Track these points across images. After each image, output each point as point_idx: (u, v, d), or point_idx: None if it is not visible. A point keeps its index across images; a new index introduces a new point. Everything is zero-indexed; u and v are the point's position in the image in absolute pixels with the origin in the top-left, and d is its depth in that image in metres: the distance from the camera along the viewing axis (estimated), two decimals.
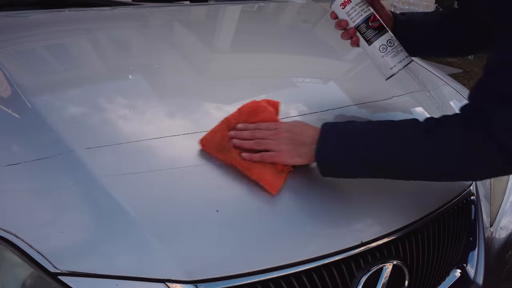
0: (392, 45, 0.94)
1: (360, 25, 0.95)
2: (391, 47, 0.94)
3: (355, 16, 0.95)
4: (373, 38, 0.95)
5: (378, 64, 0.97)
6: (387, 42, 0.94)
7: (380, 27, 0.95)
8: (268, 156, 0.84)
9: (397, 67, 0.95)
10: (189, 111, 1.01)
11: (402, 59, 0.95)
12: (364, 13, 0.95)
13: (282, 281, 0.75)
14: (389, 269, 0.85)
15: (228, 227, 0.76)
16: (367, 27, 0.95)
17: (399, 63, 0.95)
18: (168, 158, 0.86)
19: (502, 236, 1.13)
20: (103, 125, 0.92)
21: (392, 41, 0.95)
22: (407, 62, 0.95)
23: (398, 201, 0.91)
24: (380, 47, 0.95)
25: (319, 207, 0.83)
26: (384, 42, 0.94)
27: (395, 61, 0.95)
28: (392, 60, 0.95)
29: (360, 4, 0.95)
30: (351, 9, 0.95)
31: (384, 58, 0.95)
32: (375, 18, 0.95)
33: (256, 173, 0.82)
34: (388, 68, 0.96)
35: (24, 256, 0.69)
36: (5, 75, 1.01)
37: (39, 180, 0.78)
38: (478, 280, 1.04)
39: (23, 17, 1.38)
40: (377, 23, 0.95)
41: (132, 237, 0.72)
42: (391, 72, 0.96)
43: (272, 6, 1.85)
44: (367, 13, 0.95)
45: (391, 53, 0.94)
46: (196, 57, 1.28)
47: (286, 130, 0.86)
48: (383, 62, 0.96)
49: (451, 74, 4.20)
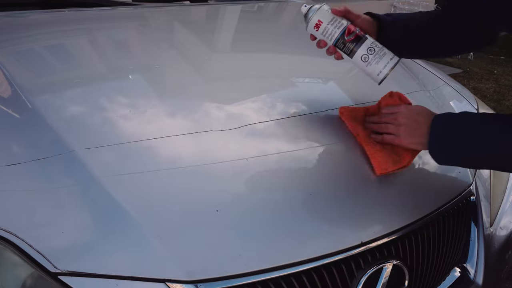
0: (373, 52, 0.94)
1: (338, 42, 0.96)
2: (373, 54, 0.94)
3: (330, 35, 0.96)
4: (353, 51, 0.95)
5: (366, 73, 0.97)
6: (367, 50, 0.94)
7: (356, 38, 0.95)
8: (388, 138, 0.93)
9: (384, 72, 0.94)
10: (189, 111, 1.01)
11: (387, 63, 0.94)
12: (338, 29, 0.95)
13: (282, 281, 0.75)
14: (389, 269, 0.85)
15: (228, 227, 0.76)
16: (344, 42, 0.95)
17: (385, 68, 0.94)
18: (168, 158, 0.86)
19: (502, 236, 1.13)
20: (103, 125, 0.92)
21: (372, 48, 0.94)
22: (393, 64, 0.94)
23: (398, 201, 0.91)
24: (362, 57, 0.95)
25: (319, 207, 0.83)
26: (364, 51, 0.94)
27: (380, 67, 0.94)
28: (377, 66, 0.94)
29: (331, 22, 0.95)
30: (324, 29, 0.96)
31: (368, 66, 0.95)
32: (350, 31, 0.95)
33: (371, 149, 0.93)
34: (375, 75, 0.96)
35: (24, 256, 0.69)
36: (5, 75, 1.01)
37: (39, 180, 0.78)
38: (478, 280, 1.04)
39: (23, 17, 1.38)
40: (352, 36, 0.94)
41: (132, 237, 0.72)
42: (379, 77, 0.96)
43: (272, 6, 1.85)
44: (341, 29, 0.95)
45: (374, 60, 0.94)
46: (196, 57, 1.28)
47: (406, 117, 0.92)
48: (370, 70, 0.96)
49: (451, 74, 4.20)
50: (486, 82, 4.31)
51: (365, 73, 0.98)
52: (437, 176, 1.03)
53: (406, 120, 0.91)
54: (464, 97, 1.38)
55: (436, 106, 1.23)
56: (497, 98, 3.88)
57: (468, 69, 4.66)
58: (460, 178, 1.05)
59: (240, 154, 0.88)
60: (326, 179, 0.88)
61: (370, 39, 0.95)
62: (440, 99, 1.30)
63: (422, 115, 0.91)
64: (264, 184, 0.85)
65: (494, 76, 4.52)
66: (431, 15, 1.07)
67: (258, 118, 0.99)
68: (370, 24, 1.01)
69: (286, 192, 0.84)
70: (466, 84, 4.12)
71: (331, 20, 0.95)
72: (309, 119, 1.01)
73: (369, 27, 1.00)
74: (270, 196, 0.83)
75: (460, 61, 4.95)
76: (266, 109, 1.03)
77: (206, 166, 0.84)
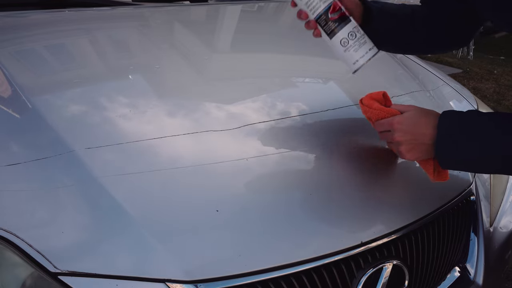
0: (354, 38, 0.87)
1: (320, 17, 0.87)
2: (353, 40, 0.87)
3: (314, 8, 0.88)
4: (333, 31, 0.87)
5: (342, 58, 0.90)
6: (348, 35, 0.87)
7: (341, 18, 0.87)
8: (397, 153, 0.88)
9: (360, 61, 0.88)
10: (189, 111, 1.01)
11: (365, 52, 0.88)
12: (323, 3, 0.87)
13: (282, 281, 0.75)
14: (389, 269, 0.85)
15: (228, 227, 0.76)
16: (326, 19, 0.87)
17: (362, 57, 0.88)
18: (168, 158, 0.86)
19: (502, 236, 1.13)
20: (103, 125, 0.92)
21: (353, 33, 0.87)
22: (371, 55, 0.88)
23: (398, 201, 0.91)
24: (342, 40, 0.87)
25: (319, 207, 0.83)
26: (345, 35, 0.87)
27: (358, 55, 0.88)
28: (355, 54, 0.88)
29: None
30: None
31: (346, 52, 0.88)
32: (335, 8, 0.86)
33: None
34: (351, 63, 0.89)
35: (24, 256, 0.69)
36: (5, 75, 1.01)
37: (39, 180, 0.78)
38: (478, 280, 1.04)
39: (23, 17, 1.38)
40: (337, 14, 0.86)
41: (132, 237, 0.72)
42: (355, 66, 0.89)
43: (272, 6, 1.85)
44: (327, 3, 0.86)
45: (353, 47, 0.87)
46: (196, 57, 1.28)
47: (403, 134, 0.84)
48: (346, 56, 0.89)
49: (451, 74, 4.20)
50: (486, 82, 4.31)
51: (340, 59, 0.91)
52: None
53: (404, 138, 0.84)
54: (464, 97, 1.38)
55: (436, 106, 1.23)
56: (497, 98, 3.88)
57: (468, 69, 4.66)
58: (460, 178, 1.05)
59: (240, 154, 0.88)
60: (326, 179, 0.88)
61: (354, 23, 0.88)
62: (440, 99, 1.30)
63: (419, 126, 0.83)
64: (264, 184, 0.85)
65: (494, 76, 4.52)
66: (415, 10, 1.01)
67: (258, 118, 0.99)
68: (356, 6, 0.93)
69: (286, 192, 0.84)
70: (466, 84, 4.12)
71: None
72: (309, 119, 1.01)
73: (355, 9, 0.93)
74: (270, 196, 0.83)
75: (460, 61, 4.95)
76: (266, 109, 1.03)
77: (206, 166, 0.84)
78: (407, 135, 0.84)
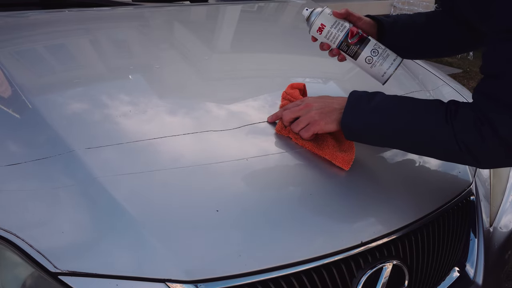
0: (376, 54, 0.95)
1: (341, 44, 0.96)
2: (377, 56, 0.95)
3: (333, 38, 0.96)
4: (357, 53, 0.96)
5: (370, 74, 0.98)
6: (371, 52, 0.95)
7: (360, 40, 0.95)
8: (305, 130, 0.91)
9: (388, 72, 0.95)
10: (189, 111, 1.01)
11: (391, 64, 0.95)
12: (341, 32, 0.95)
13: (282, 281, 0.75)
14: (389, 269, 0.85)
15: (228, 227, 0.76)
16: (347, 44, 0.96)
17: (389, 68, 0.95)
18: (168, 158, 0.86)
19: (502, 236, 1.13)
20: (103, 125, 0.92)
21: (376, 50, 0.95)
22: (397, 65, 0.95)
23: (398, 201, 0.91)
24: (366, 59, 0.95)
25: (319, 207, 0.83)
26: (368, 53, 0.95)
27: (385, 68, 0.95)
28: (382, 67, 0.95)
29: (334, 26, 0.96)
30: (327, 33, 0.96)
31: (373, 68, 0.96)
32: (353, 33, 0.95)
33: (327, 152, 0.91)
34: (380, 76, 0.97)
35: (24, 255, 0.69)
36: (5, 75, 1.01)
37: (39, 180, 0.78)
38: (477, 280, 1.04)
39: (23, 17, 1.39)
40: (356, 38, 0.95)
41: (132, 237, 0.72)
42: (384, 78, 0.97)
43: (272, 6, 1.85)
44: (344, 31, 0.95)
45: (378, 62, 0.95)
46: (196, 57, 1.28)
47: (314, 101, 0.93)
48: (374, 71, 0.97)
49: (451, 74, 4.20)
50: None
51: (369, 74, 0.98)
52: (437, 176, 1.03)
53: (316, 104, 0.92)
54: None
55: None
56: None
57: (468, 69, 4.66)
58: (460, 178, 1.05)
59: (240, 154, 0.88)
60: (326, 179, 0.88)
61: (373, 41, 0.96)
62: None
63: (329, 98, 0.93)
64: (264, 184, 0.85)
65: None
66: (429, 16, 1.08)
67: (258, 118, 0.99)
68: (371, 26, 1.02)
69: (286, 192, 0.84)
70: (466, 84, 4.12)
71: (334, 23, 0.96)
72: None
73: (370, 29, 1.01)
74: (270, 196, 0.83)
75: (460, 61, 4.95)
76: (266, 109, 1.03)
77: (206, 166, 0.84)
78: (318, 102, 0.93)
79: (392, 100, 0.87)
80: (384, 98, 0.87)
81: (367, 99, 0.87)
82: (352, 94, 0.89)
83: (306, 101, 0.94)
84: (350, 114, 0.87)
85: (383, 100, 0.86)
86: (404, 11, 5.61)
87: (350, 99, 0.88)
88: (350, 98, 0.89)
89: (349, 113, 0.87)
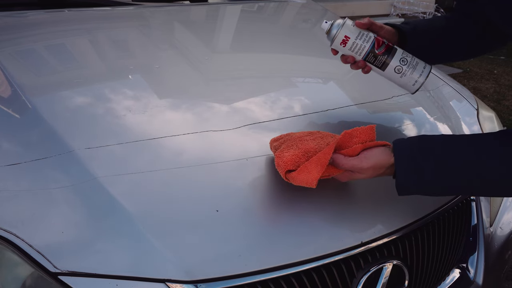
0: (406, 63, 0.90)
1: (368, 55, 0.91)
2: (406, 65, 0.90)
3: (359, 50, 0.91)
4: (385, 63, 0.91)
5: (400, 84, 0.93)
6: (400, 61, 0.90)
7: (387, 50, 0.90)
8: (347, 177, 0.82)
9: (419, 81, 0.91)
10: (189, 111, 1.01)
11: (421, 72, 0.91)
12: (367, 43, 0.90)
13: (282, 281, 0.75)
14: (389, 269, 0.85)
15: (228, 227, 0.76)
16: (375, 55, 0.91)
17: (420, 77, 0.91)
18: (168, 158, 0.86)
19: (502, 236, 1.13)
20: (102, 125, 0.92)
21: (404, 58, 0.90)
22: (427, 72, 0.91)
23: (398, 201, 0.91)
24: (396, 68, 0.91)
25: (319, 207, 0.83)
26: (397, 62, 0.90)
27: (416, 76, 0.91)
28: (412, 77, 0.91)
29: (359, 37, 0.91)
30: (352, 44, 0.91)
31: (403, 77, 0.91)
32: (380, 43, 0.90)
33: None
34: (411, 85, 0.92)
35: (24, 255, 0.69)
36: (5, 75, 1.01)
37: (39, 180, 0.78)
38: (478, 280, 1.04)
39: (23, 17, 1.39)
40: (383, 48, 0.90)
41: (132, 237, 0.72)
42: (414, 87, 0.92)
43: (272, 6, 1.85)
44: (370, 42, 0.90)
45: (408, 71, 0.90)
46: (196, 57, 1.28)
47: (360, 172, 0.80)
48: (405, 81, 0.92)
49: (451, 74, 4.20)
50: (486, 82, 4.31)
51: (397, 84, 0.94)
52: None
53: (365, 175, 0.80)
54: (464, 97, 1.38)
55: (436, 106, 1.23)
56: (497, 98, 3.88)
57: (468, 69, 4.66)
58: None
59: (240, 154, 0.88)
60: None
61: (400, 50, 0.91)
62: (440, 99, 1.30)
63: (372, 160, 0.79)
64: (264, 184, 0.85)
65: (494, 76, 4.52)
66: (448, 19, 1.06)
67: (258, 118, 0.99)
68: (392, 34, 0.98)
69: (286, 192, 0.84)
70: (466, 84, 4.12)
71: (359, 35, 0.91)
72: (309, 119, 1.01)
73: (392, 38, 0.97)
74: (270, 196, 0.83)
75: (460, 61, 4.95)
76: (266, 109, 1.03)
77: (206, 166, 0.84)
78: (368, 171, 0.80)
79: (447, 151, 0.75)
80: (440, 154, 0.75)
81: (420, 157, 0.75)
82: (395, 146, 0.77)
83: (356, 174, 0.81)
84: (405, 176, 0.76)
85: (439, 156, 0.75)
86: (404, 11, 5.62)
87: (396, 152, 0.77)
88: (396, 151, 0.77)
89: (404, 175, 0.76)
